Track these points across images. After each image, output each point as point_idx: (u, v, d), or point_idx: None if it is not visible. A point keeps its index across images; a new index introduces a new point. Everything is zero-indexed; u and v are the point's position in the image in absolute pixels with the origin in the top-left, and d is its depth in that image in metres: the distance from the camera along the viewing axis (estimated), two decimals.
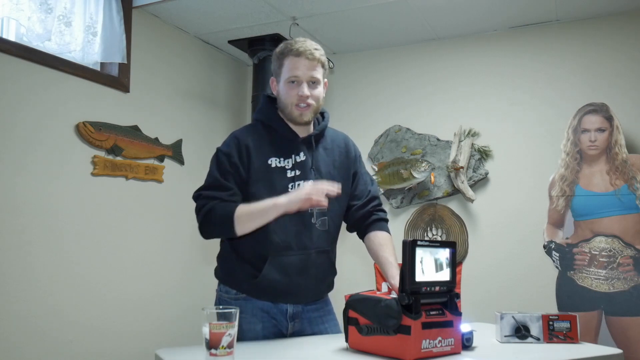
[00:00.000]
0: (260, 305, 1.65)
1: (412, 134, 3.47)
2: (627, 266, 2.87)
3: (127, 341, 2.88)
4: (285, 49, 1.65)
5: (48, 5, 2.54)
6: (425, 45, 3.54)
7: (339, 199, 1.66)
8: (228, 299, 1.69)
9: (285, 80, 1.64)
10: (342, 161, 1.76)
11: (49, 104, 2.56)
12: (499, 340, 1.57)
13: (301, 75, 1.63)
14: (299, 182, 1.63)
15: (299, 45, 1.64)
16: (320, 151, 1.72)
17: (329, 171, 1.71)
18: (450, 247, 1.42)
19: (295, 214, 1.57)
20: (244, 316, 1.58)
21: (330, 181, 1.61)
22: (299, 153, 1.67)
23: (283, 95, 1.66)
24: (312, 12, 3.12)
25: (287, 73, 1.64)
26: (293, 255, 1.62)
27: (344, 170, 1.75)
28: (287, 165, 1.64)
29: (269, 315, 1.66)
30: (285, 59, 1.65)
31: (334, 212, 1.69)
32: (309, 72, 1.63)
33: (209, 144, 3.59)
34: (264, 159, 1.63)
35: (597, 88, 3.07)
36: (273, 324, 1.66)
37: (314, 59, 1.64)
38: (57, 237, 2.57)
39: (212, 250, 3.55)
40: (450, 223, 3.32)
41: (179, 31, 3.38)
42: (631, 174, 2.92)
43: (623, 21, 3.08)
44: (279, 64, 1.67)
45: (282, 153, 1.65)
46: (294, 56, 1.63)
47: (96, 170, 2.75)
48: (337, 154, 1.76)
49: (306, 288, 1.68)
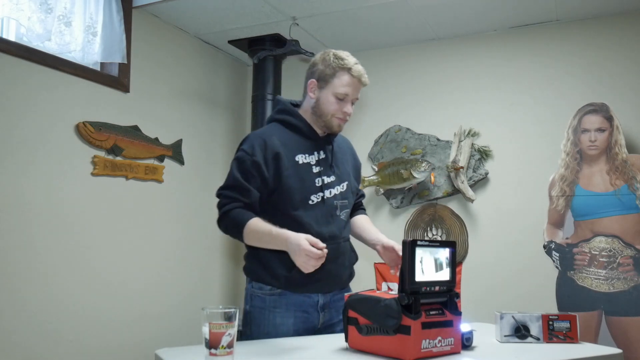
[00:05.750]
0: (293, 299, 1.73)
1: (412, 134, 3.47)
2: (627, 266, 2.87)
3: (126, 338, 2.88)
4: (343, 64, 1.72)
5: (48, 5, 2.54)
6: (425, 45, 3.54)
7: (352, 193, 1.87)
8: (262, 295, 1.75)
9: (334, 93, 1.73)
10: (352, 162, 1.94)
11: (49, 104, 2.56)
12: (499, 340, 1.57)
13: (351, 95, 1.75)
14: (324, 177, 1.76)
15: (356, 65, 1.74)
16: (336, 150, 1.86)
17: (345, 169, 1.86)
18: (450, 246, 1.42)
19: (323, 206, 1.73)
20: (277, 311, 1.72)
21: (346, 180, 1.82)
22: (319, 151, 1.79)
23: (325, 104, 1.75)
24: (312, 12, 3.12)
25: (340, 88, 1.72)
26: (326, 245, 1.68)
27: (354, 170, 1.94)
28: (312, 162, 1.76)
29: (301, 309, 1.74)
30: (342, 73, 1.73)
31: (351, 205, 1.87)
32: (357, 93, 1.77)
33: (209, 144, 3.60)
34: (291, 155, 1.73)
35: (597, 88, 3.07)
36: (305, 318, 1.74)
37: (365, 84, 1.77)
38: (57, 237, 2.57)
39: (212, 250, 3.56)
40: (450, 223, 3.32)
41: (179, 31, 3.39)
42: (631, 174, 2.92)
43: (623, 21, 3.08)
44: (331, 73, 1.73)
45: (307, 150, 1.77)
46: (351, 76, 1.73)
47: (96, 170, 2.75)
48: (347, 155, 1.93)
49: (337, 276, 1.79)
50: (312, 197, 1.72)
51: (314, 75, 1.77)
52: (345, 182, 1.82)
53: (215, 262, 3.59)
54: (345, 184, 1.81)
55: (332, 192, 1.77)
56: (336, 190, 1.78)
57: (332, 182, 1.77)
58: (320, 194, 1.73)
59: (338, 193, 1.78)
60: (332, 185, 1.77)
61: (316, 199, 1.73)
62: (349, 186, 1.83)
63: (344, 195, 1.80)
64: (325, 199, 1.74)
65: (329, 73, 1.73)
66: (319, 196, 1.73)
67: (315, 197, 1.73)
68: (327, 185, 1.76)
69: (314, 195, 1.72)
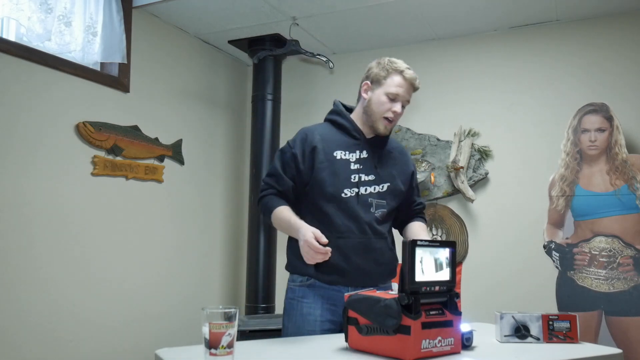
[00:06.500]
0: (322, 292, 1.79)
1: (412, 133, 3.47)
2: (627, 266, 2.87)
3: (127, 339, 2.88)
4: (397, 66, 1.82)
5: (48, 5, 2.54)
6: (425, 45, 3.54)
7: (395, 197, 1.88)
8: (293, 287, 1.84)
9: (386, 93, 1.81)
10: (402, 167, 1.95)
11: (49, 104, 2.56)
12: (499, 340, 1.57)
13: (402, 97, 1.82)
14: (362, 174, 1.81)
15: (408, 69, 1.83)
16: (384, 153, 1.90)
17: (390, 172, 1.88)
18: (450, 246, 1.42)
19: (356, 201, 1.79)
20: (305, 302, 1.80)
21: (388, 182, 1.85)
22: (362, 150, 1.85)
23: (376, 104, 1.83)
24: (312, 12, 3.12)
25: (392, 88, 1.81)
26: (354, 238, 1.78)
27: (403, 175, 1.94)
28: (351, 159, 1.82)
29: (329, 301, 1.79)
30: (394, 74, 1.82)
31: (390, 206, 1.87)
32: (408, 95, 1.84)
33: (209, 144, 3.60)
34: (329, 151, 1.81)
35: (597, 88, 3.07)
36: (332, 310, 1.79)
37: (416, 88, 1.86)
38: (57, 237, 2.57)
39: (212, 250, 3.56)
40: (450, 223, 3.32)
41: (179, 31, 3.39)
42: (631, 174, 2.92)
43: (623, 21, 3.08)
44: (384, 75, 1.82)
45: (349, 148, 1.84)
46: (403, 78, 1.82)
47: (96, 170, 2.75)
48: (398, 159, 1.94)
49: (366, 271, 1.80)
50: (345, 191, 1.78)
51: (369, 78, 1.87)
52: (387, 184, 1.85)
53: (215, 262, 3.59)
54: (386, 185, 1.85)
55: (368, 190, 1.81)
56: (373, 189, 1.82)
57: (371, 180, 1.82)
58: (355, 190, 1.79)
59: (375, 192, 1.82)
60: (369, 183, 1.82)
61: (350, 193, 1.78)
62: (390, 188, 1.86)
63: (382, 196, 1.84)
64: (359, 194, 1.79)
65: (383, 75, 1.83)
66: (353, 191, 1.79)
67: (349, 192, 1.79)
68: (364, 183, 1.81)
69: (347, 190, 1.78)
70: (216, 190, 3.63)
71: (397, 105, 1.82)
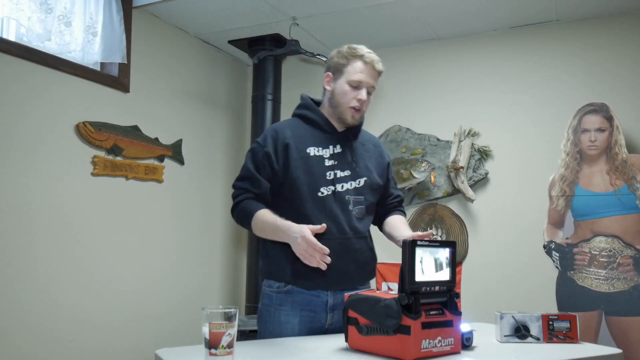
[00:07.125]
0: (301, 298, 1.71)
1: (412, 134, 3.47)
2: (627, 266, 2.87)
3: (127, 339, 2.88)
4: (356, 52, 1.76)
5: (48, 5, 2.54)
6: (425, 45, 3.54)
7: (373, 192, 1.81)
8: (270, 293, 1.76)
9: (348, 81, 1.74)
10: (377, 160, 1.88)
11: (49, 104, 2.56)
12: (499, 340, 1.57)
13: (365, 82, 1.74)
14: (337, 170, 1.74)
15: (368, 53, 1.76)
16: (357, 145, 1.83)
17: (366, 165, 1.82)
18: (450, 246, 1.42)
19: (334, 199, 1.71)
20: (283, 309, 1.71)
21: (365, 176, 1.77)
22: (336, 145, 1.78)
23: (339, 94, 1.76)
24: (312, 12, 3.12)
25: (354, 75, 1.74)
26: (333, 239, 1.67)
27: (380, 168, 1.87)
28: (325, 155, 1.75)
29: (308, 308, 1.72)
30: (353, 61, 1.75)
31: (368, 202, 1.80)
32: (372, 81, 1.76)
33: (209, 144, 3.60)
34: (302, 148, 1.74)
35: (597, 88, 3.07)
36: (311, 317, 1.72)
37: (379, 70, 1.77)
38: (57, 237, 2.57)
39: (212, 250, 3.56)
40: (450, 223, 3.32)
41: (179, 31, 3.39)
42: (631, 174, 2.92)
43: (623, 21, 3.08)
44: (344, 63, 1.76)
45: (321, 143, 1.76)
46: (364, 62, 1.74)
47: (96, 170, 2.75)
48: (372, 151, 1.87)
49: (346, 272, 1.73)
50: (321, 190, 1.71)
51: (330, 69, 1.81)
52: (364, 178, 1.78)
53: (215, 262, 3.59)
54: (363, 179, 1.78)
55: (345, 187, 1.74)
56: (350, 185, 1.75)
57: (347, 176, 1.75)
58: (331, 187, 1.72)
59: (352, 188, 1.75)
60: (345, 179, 1.74)
61: (326, 192, 1.71)
62: (368, 183, 1.79)
63: (359, 191, 1.76)
64: (336, 192, 1.72)
65: (343, 62, 1.76)
66: (330, 189, 1.71)
67: (325, 190, 1.71)
68: (340, 180, 1.73)
69: (323, 188, 1.71)
70: (216, 190, 3.63)
71: (362, 93, 1.74)
